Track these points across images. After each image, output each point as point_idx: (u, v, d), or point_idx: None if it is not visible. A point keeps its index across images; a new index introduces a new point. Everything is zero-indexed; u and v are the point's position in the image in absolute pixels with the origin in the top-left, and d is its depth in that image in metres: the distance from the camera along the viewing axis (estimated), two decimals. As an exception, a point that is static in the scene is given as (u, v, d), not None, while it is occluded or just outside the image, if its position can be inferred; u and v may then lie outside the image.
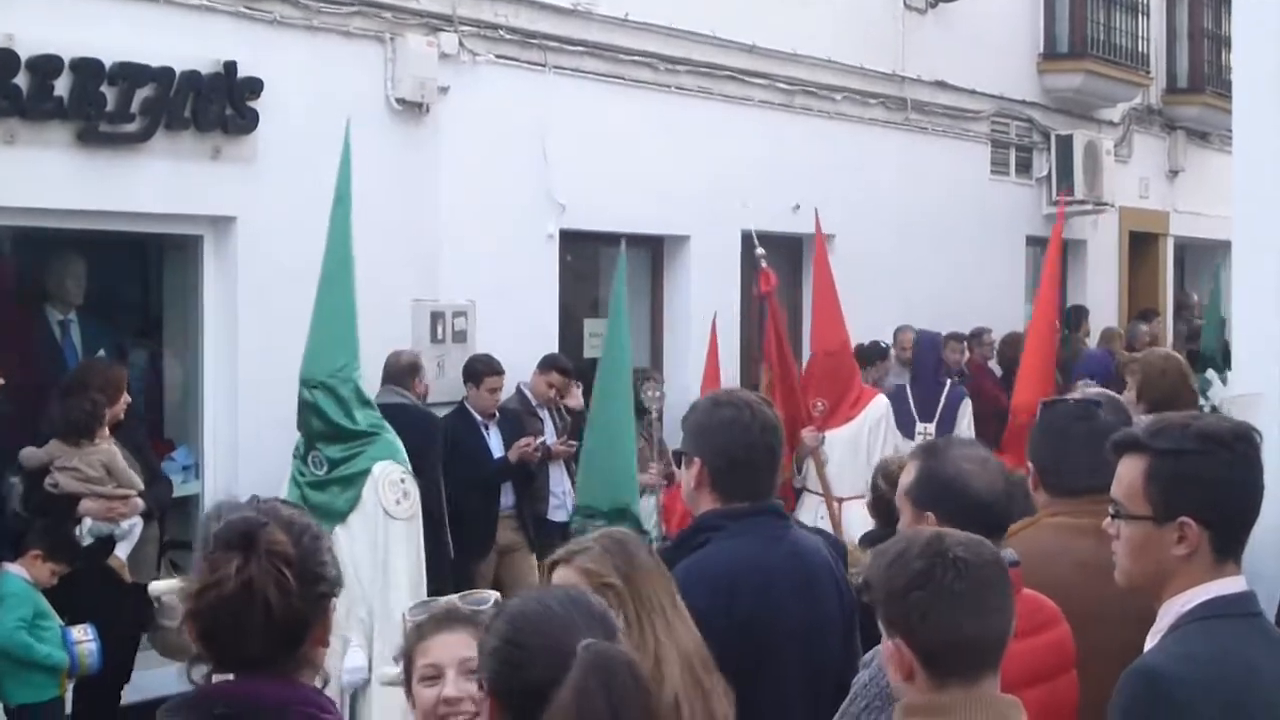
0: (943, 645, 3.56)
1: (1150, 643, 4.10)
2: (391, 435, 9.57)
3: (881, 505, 7.94)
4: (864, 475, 11.10)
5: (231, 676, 3.40)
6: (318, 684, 3.48)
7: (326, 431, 9.30)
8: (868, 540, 7.04)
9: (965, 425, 15.15)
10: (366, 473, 9.26)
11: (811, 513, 12.38)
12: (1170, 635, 4.00)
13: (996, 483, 4.84)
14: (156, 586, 8.22)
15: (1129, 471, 4.13)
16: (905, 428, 14.61)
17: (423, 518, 11.74)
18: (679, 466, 5.41)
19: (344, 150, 9.50)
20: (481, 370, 12.72)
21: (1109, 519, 4.17)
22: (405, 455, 9.58)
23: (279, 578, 3.32)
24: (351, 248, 9.50)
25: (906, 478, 4.93)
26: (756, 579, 4.98)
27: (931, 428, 14.89)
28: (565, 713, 3.20)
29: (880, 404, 13.32)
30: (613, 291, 9.47)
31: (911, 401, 15.24)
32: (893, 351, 17.06)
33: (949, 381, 15.78)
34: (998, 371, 18.60)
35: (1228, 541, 4.02)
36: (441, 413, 12.57)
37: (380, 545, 9.34)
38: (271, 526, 3.37)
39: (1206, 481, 3.98)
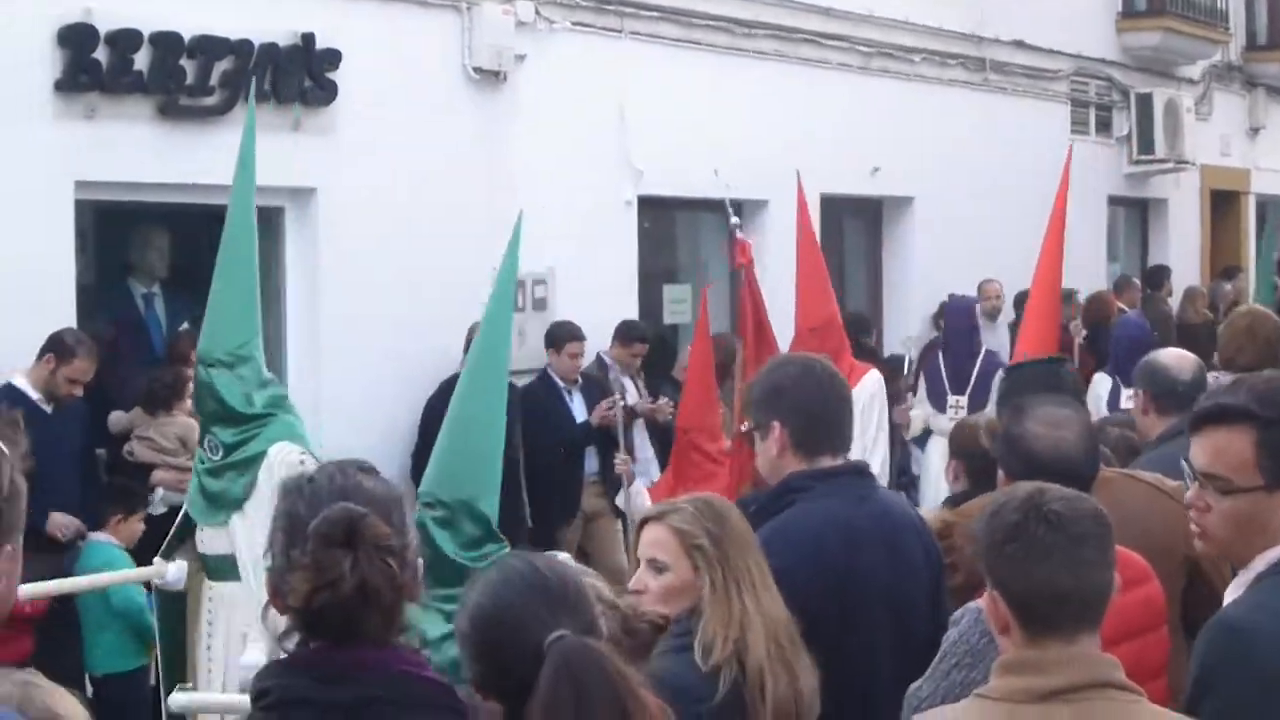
0: (1035, 598, 3.55)
1: (1231, 596, 4.07)
2: (291, 415, 8.70)
3: (968, 466, 7.84)
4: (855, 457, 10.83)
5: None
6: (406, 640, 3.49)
7: (220, 414, 8.42)
8: (951, 502, 7.00)
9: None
10: (262, 455, 8.35)
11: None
12: (1252, 589, 3.96)
13: (1067, 443, 4.81)
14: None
15: (1235, 442, 4.02)
16: (937, 400, 14.41)
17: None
18: (751, 444, 5.40)
19: (248, 120, 8.67)
20: (563, 336, 12.75)
21: (1195, 489, 4.10)
22: (306, 435, 8.71)
23: (386, 570, 3.32)
24: (253, 216, 8.64)
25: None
26: (844, 537, 4.98)
27: (964, 400, 14.24)
28: (540, 715, 3.22)
29: (872, 380, 11.85)
30: (500, 270, 7.99)
31: (944, 372, 14.58)
32: (978, 306, 16.99)
33: (984, 350, 14.82)
34: (1083, 331, 18.47)
35: None
36: (523, 381, 12.59)
37: None
38: (371, 517, 3.36)
39: None
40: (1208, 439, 4.08)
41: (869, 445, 10.72)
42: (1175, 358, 7.23)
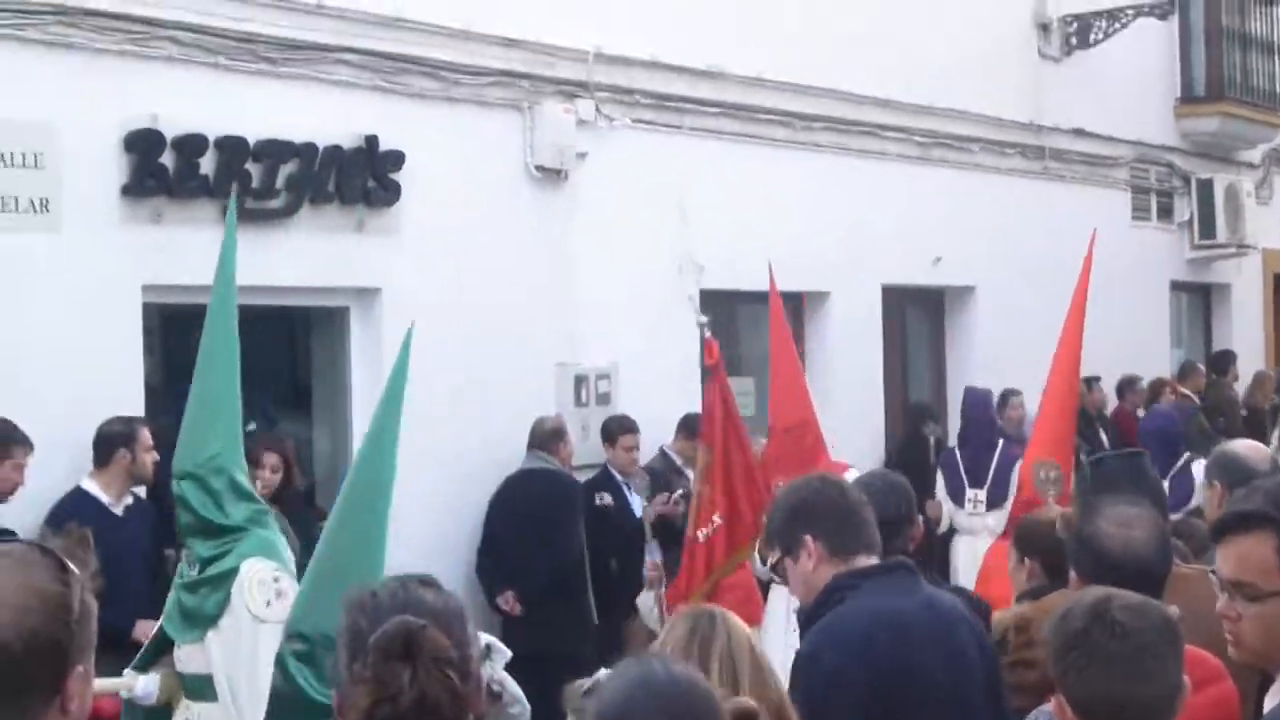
0: (1097, 706, 3.57)
1: (1270, 703, 4.05)
2: (269, 531, 8.22)
3: (1042, 561, 7.75)
4: None
5: None
6: None
7: (195, 526, 8.06)
8: (1029, 596, 6.97)
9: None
10: (234, 572, 7.95)
11: (782, 604, 10.72)
12: None
13: (1138, 542, 4.80)
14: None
15: (1257, 548, 3.99)
16: (956, 495, 14.28)
17: (562, 584, 11.88)
18: (777, 572, 5.42)
19: (229, 223, 8.44)
20: (615, 429, 12.83)
21: (1224, 599, 4.05)
22: (283, 551, 8.22)
23: (446, 683, 3.34)
24: (234, 322, 8.24)
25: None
26: (893, 631, 4.98)
27: (983, 494, 14.12)
28: None
29: (851, 478, 11.45)
30: (386, 389, 7.34)
31: (961, 466, 14.43)
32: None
33: (1001, 442, 14.63)
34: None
35: None
36: (586, 476, 12.64)
37: (247, 653, 7.89)
38: (431, 629, 3.38)
39: None
40: (1231, 547, 4.06)
41: None
42: (1249, 448, 7.22)
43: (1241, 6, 21.45)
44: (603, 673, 4.29)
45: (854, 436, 15.24)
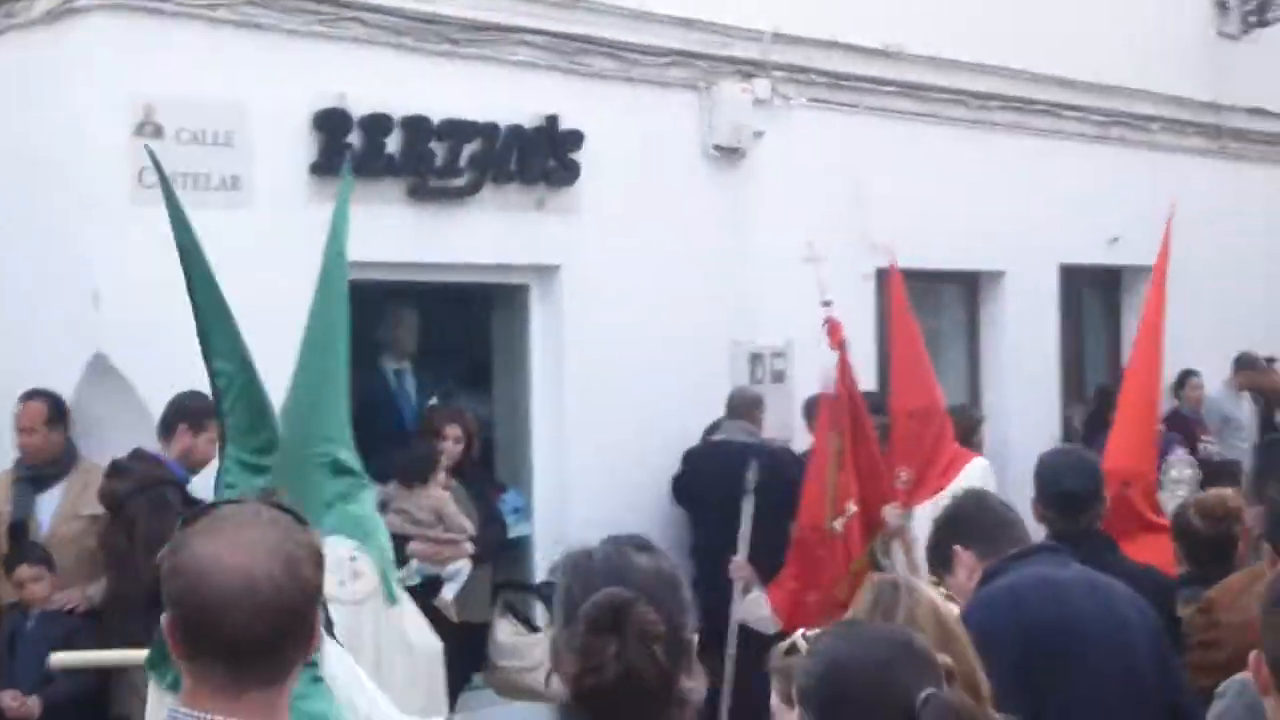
0: None
1: None
2: (358, 505, 7.56)
3: (1191, 543, 7.70)
4: None
5: None
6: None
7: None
8: (1185, 581, 6.97)
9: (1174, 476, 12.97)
10: None
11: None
12: None
13: None
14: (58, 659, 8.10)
15: None
16: None
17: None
18: (941, 582, 5.46)
19: (341, 197, 7.81)
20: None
21: None
22: (372, 528, 7.57)
23: (652, 657, 3.42)
24: (345, 303, 7.64)
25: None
26: (1044, 592, 5.04)
27: None
28: None
29: (978, 468, 11.10)
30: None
31: None
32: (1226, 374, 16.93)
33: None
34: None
35: None
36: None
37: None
38: (640, 602, 3.46)
39: None
40: None
41: None
42: None
43: None
44: (800, 634, 4.40)
45: (1028, 415, 15.22)
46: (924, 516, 9.50)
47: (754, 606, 10.63)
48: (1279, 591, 3.68)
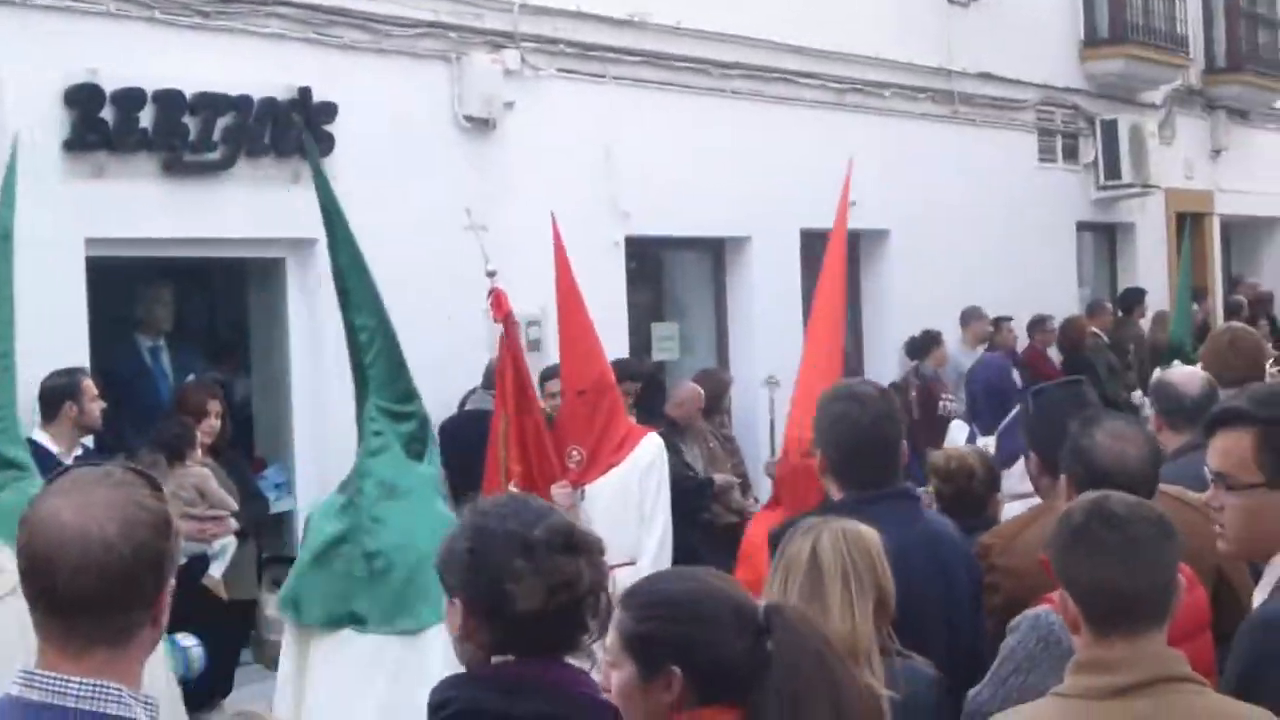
0: (1099, 597, 3.79)
1: (1260, 597, 4.36)
2: (11, 496, 6.92)
3: (951, 499, 7.86)
4: (636, 533, 9.77)
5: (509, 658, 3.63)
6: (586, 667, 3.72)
7: None
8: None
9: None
10: None
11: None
12: None
13: (1130, 456, 5.06)
14: None
15: (1236, 443, 4.41)
16: None
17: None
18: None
19: (7, 176, 7.69)
20: (545, 378, 12.91)
21: (1211, 489, 4.47)
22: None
23: (605, 574, 3.63)
24: (11, 288, 7.48)
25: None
26: (894, 560, 5.20)
27: None
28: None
29: (652, 444, 10.43)
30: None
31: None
32: (959, 333, 17.35)
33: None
34: (1058, 357, 18.83)
35: None
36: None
37: None
38: (584, 528, 3.70)
39: None
40: (1216, 441, 4.49)
41: (647, 515, 9.92)
42: (1184, 375, 7.50)
43: (1142, -50, 21.77)
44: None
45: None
46: (597, 494, 9.79)
47: None
48: (1073, 528, 3.89)
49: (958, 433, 12.13)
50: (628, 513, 9.89)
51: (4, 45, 10.17)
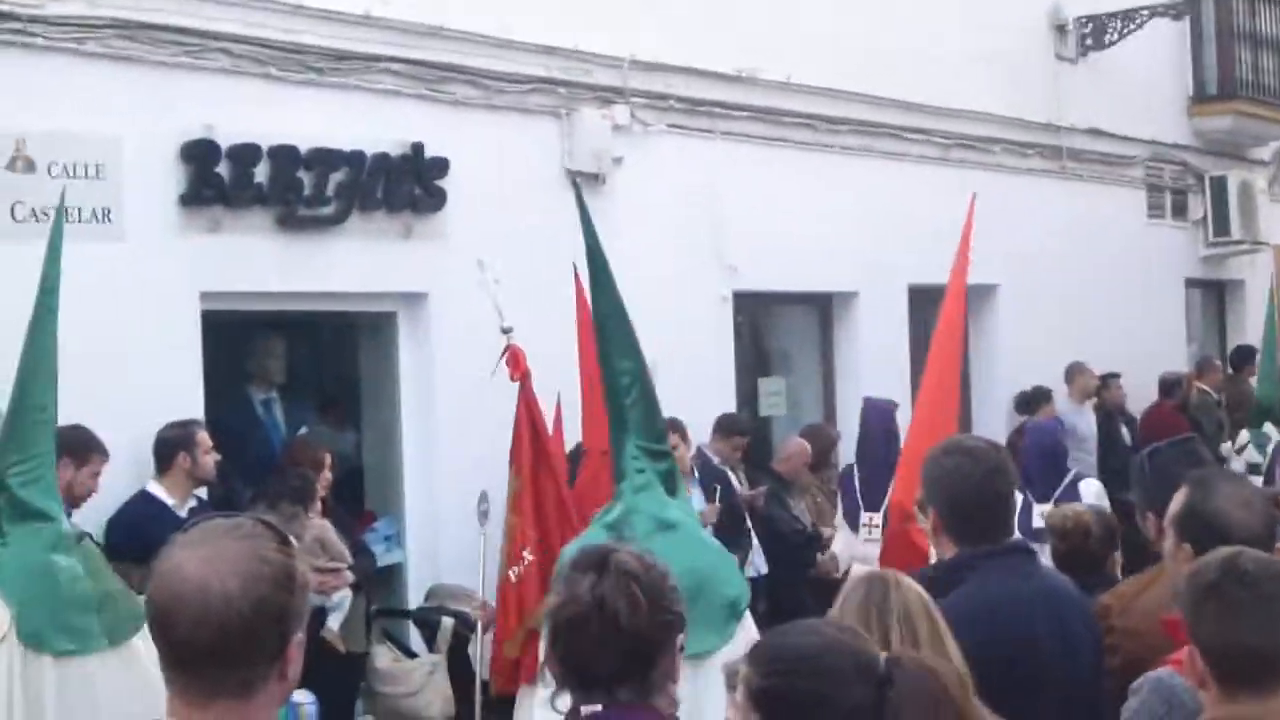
0: (1227, 653, 3.76)
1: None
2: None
3: (1066, 556, 7.81)
4: None
5: (599, 708, 3.64)
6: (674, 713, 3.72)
7: None
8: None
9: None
10: None
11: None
12: None
13: (1253, 521, 5.00)
14: None
15: None
16: (850, 517, 12.52)
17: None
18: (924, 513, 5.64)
19: (54, 233, 7.39)
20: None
21: None
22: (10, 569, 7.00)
23: (630, 594, 3.60)
24: (55, 341, 7.27)
25: (1175, 507, 5.11)
26: (1009, 615, 5.17)
27: (879, 518, 11.83)
28: None
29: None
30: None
31: (857, 486, 12.50)
32: (1065, 389, 17.24)
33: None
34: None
35: None
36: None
37: None
38: (623, 551, 3.66)
39: None
40: None
41: None
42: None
43: (1253, 6, 21.63)
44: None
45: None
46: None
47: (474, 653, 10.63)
48: (1205, 586, 3.87)
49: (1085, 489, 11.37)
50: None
51: (122, 100, 10.29)
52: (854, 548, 12.23)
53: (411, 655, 11.17)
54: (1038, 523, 9.28)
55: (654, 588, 3.70)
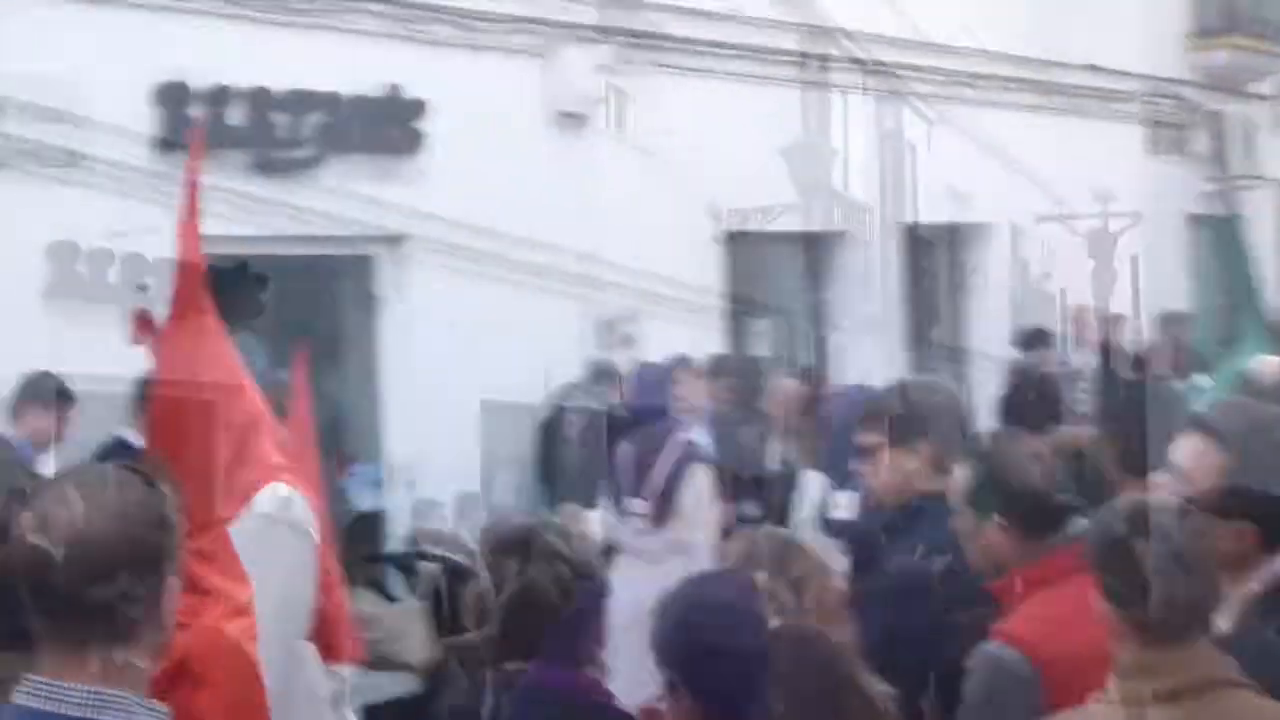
0: (1141, 604, 3.69)
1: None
2: None
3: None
4: None
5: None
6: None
7: None
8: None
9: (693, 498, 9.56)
10: None
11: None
12: None
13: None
14: None
15: None
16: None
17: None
18: None
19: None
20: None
21: None
22: None
23: (556, 575, 3.55)
24: None
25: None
26: None
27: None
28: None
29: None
30: None
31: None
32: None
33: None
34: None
35: None
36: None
37: None
38: (544, 530, 3.60)
39: None
40: None
41: None
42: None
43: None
44: None
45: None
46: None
47: None
48: (1115, 534, 3.80)
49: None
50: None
51: (93, 44, 10.21)
52: (620, 536, 9.77)
53: (392, 599, 11.10)
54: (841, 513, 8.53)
55: (579, 562, 3.67)
